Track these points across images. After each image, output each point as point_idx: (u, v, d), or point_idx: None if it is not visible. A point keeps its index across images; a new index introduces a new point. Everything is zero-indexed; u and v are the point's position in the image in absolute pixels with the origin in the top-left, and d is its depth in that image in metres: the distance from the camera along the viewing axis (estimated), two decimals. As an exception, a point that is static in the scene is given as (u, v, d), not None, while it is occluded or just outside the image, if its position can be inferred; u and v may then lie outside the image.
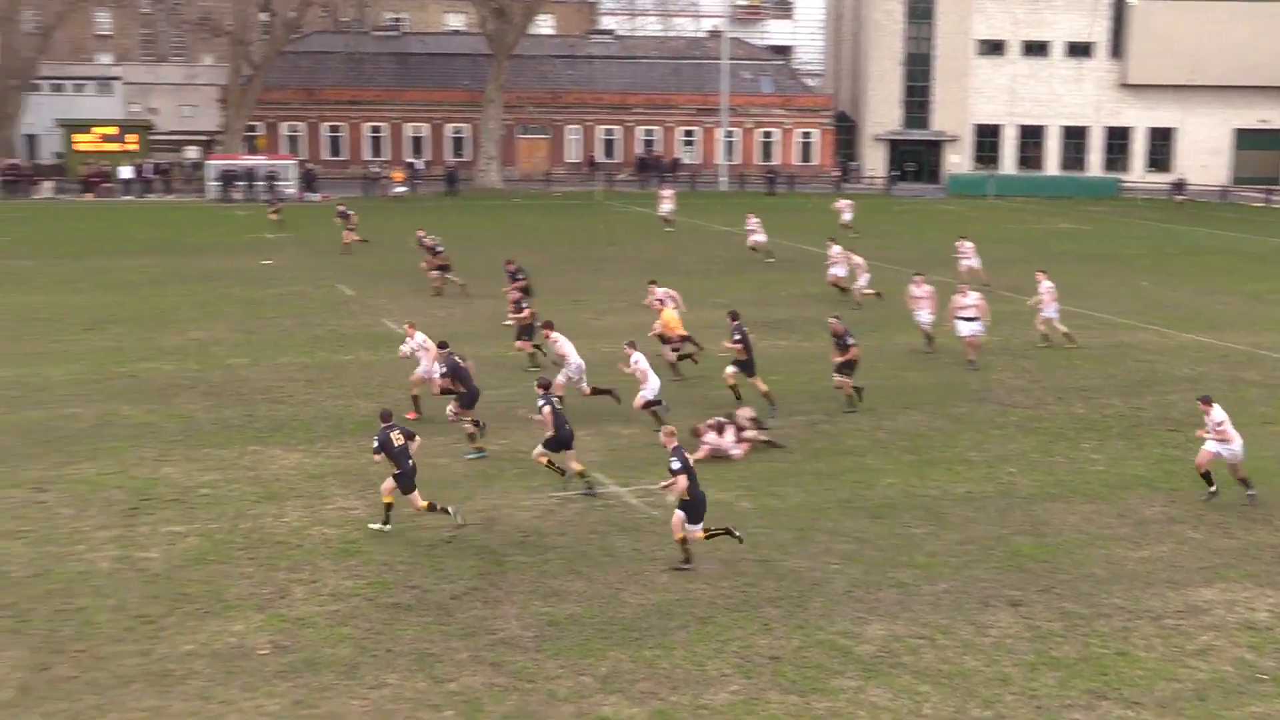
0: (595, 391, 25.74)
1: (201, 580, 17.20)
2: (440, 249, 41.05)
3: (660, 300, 30.55)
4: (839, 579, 17.56)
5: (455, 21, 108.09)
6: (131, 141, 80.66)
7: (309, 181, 76.71)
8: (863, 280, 39.72)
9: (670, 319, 29.02)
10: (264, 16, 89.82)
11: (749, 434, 23.65)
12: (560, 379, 25.37)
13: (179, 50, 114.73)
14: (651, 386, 24.63)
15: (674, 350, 29.03)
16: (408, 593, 16.90)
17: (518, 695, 14.16)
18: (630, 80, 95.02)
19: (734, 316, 26.88)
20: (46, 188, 75.87)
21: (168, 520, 19.53)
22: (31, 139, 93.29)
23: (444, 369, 23.97)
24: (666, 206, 60.63)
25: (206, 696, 14.01)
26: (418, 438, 19.51)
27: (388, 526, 19.18)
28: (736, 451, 23.21)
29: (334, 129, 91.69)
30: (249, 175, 75.29)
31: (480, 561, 18.03)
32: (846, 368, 26.61)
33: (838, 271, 40.75)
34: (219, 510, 19.92)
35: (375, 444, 18.92)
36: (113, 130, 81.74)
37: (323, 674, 14.57)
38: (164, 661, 14.81)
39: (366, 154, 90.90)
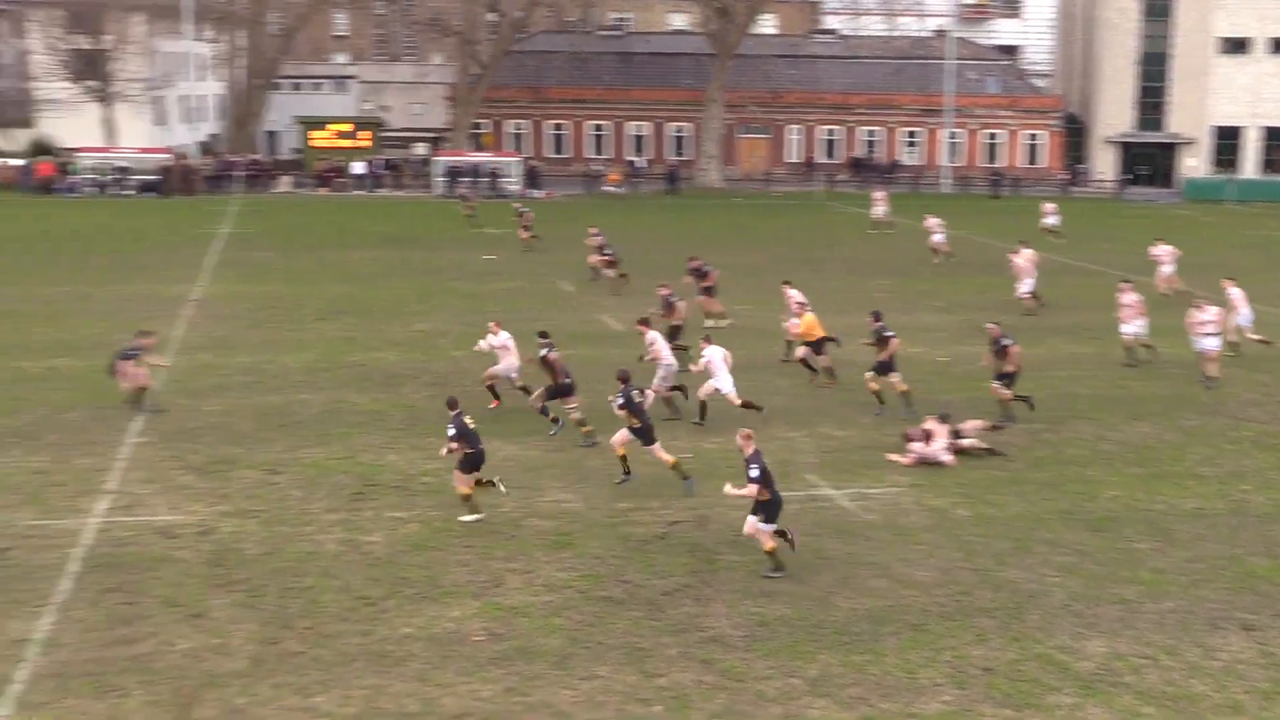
0: (745, 405, 25.09)
1: (420, 566, 17.69)
2: (608, 249, 41.35)
3: (800, 303, 29.95)
4: (1058, 592, 17.09)
5: (679, 21, 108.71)
6: (364, 138, 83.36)
7: (532, 179, 78.16)
8: (1025, 286, 38.48)
9: (810, 322, 28.53)
10: (492, 17, 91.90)
11: (967, 443, 23.20)
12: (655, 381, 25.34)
13: (410, 50, 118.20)
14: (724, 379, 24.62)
15: (814, 353, 28.40)
16: (620, 587, 17.08)
17: (726, 694, 14.18)
18: (853, 80, 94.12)
19: (876, 317, 26.54)
20: (285, 182, 78.99)
21: (391, 506, 20.15)
22: (272, 135, 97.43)
23: (544, 353, 24.33)
24: (880, 209, 59.75)
25: (423, 679, 14.40)
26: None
27: (481, 516, 19.49)
28: (948, 458, 22.79)
29: (557, 127, 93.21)
30: (474, 172, 77.08)
31: (692, 559, 18.11)
32: (1006, 377, 25.72)
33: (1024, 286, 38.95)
34: (438, 498, 20.44)
35: (452, 430, 19.27)
36: (347, 127, 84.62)
37: (535, 663, 14.83)
38: (384, 643, 15.28)
39: (589, 152, 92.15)
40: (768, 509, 17.43)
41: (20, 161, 78.66)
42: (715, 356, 24.98)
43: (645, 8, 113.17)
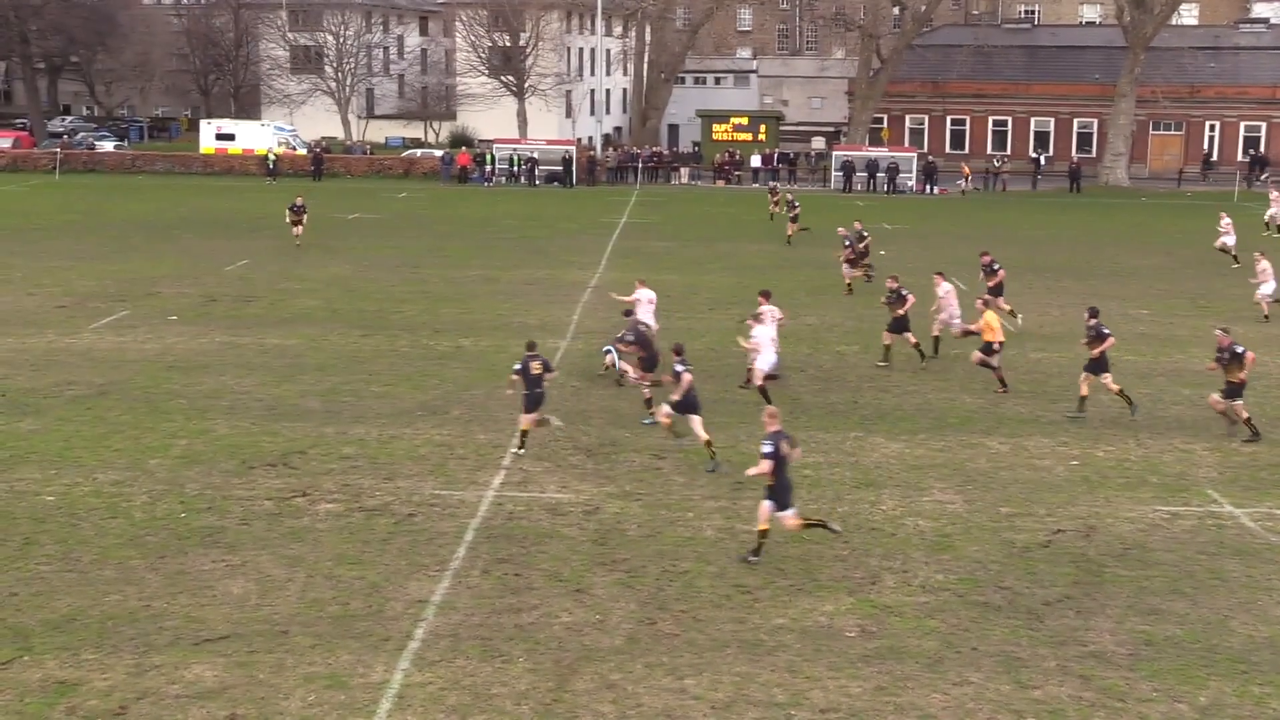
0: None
1: (797, 558, 17.75)
2: (849, 243, 40.04)
3: (944, 296, 30.02)
4: None
5: (1090, 13, 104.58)
6: (762, 132, 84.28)
7: (929, 175, 77.01)
8: (1268, 288, 35.70)
9: (992, 320, 26.97)
10: (895, 10, 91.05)
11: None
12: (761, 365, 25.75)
13: (812, 44, 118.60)
14: (766, 358, 25.55)
15: (989, 354, 27.00)
16: (998, 593, 16.62)
17: (1105, 712, 13.56)
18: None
19: (1093, 314, 25.29)
20: (683, 174, 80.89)
21: (770, 496, 20.29)
22: (673, 128, 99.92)
23: (630, 336, 25.34)
24: (1274, 210, 55.55)
25: (794, 670, 14.45)
26: (555, 371, 22.84)
27: (522, 450, 21.78)
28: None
29: (957, 122, 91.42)
30: (870, 167, 76.63)
31: (1076, 570, 17.41)
32: (1233, 388, 23.39)
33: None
34: (819, 491, 20.45)
35: (516, 366, 22.09)
36: (745, 121, 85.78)
37: (906, 663, 14.62)
38: (756, 631, 15.42)
39: (989, 148, 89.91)
40: (773, 492, 17.20)
41: (440, 152, 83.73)
42: (763, 336, 25.91)
43: (1054, 0, 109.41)
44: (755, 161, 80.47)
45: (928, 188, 75.89)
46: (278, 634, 15.13)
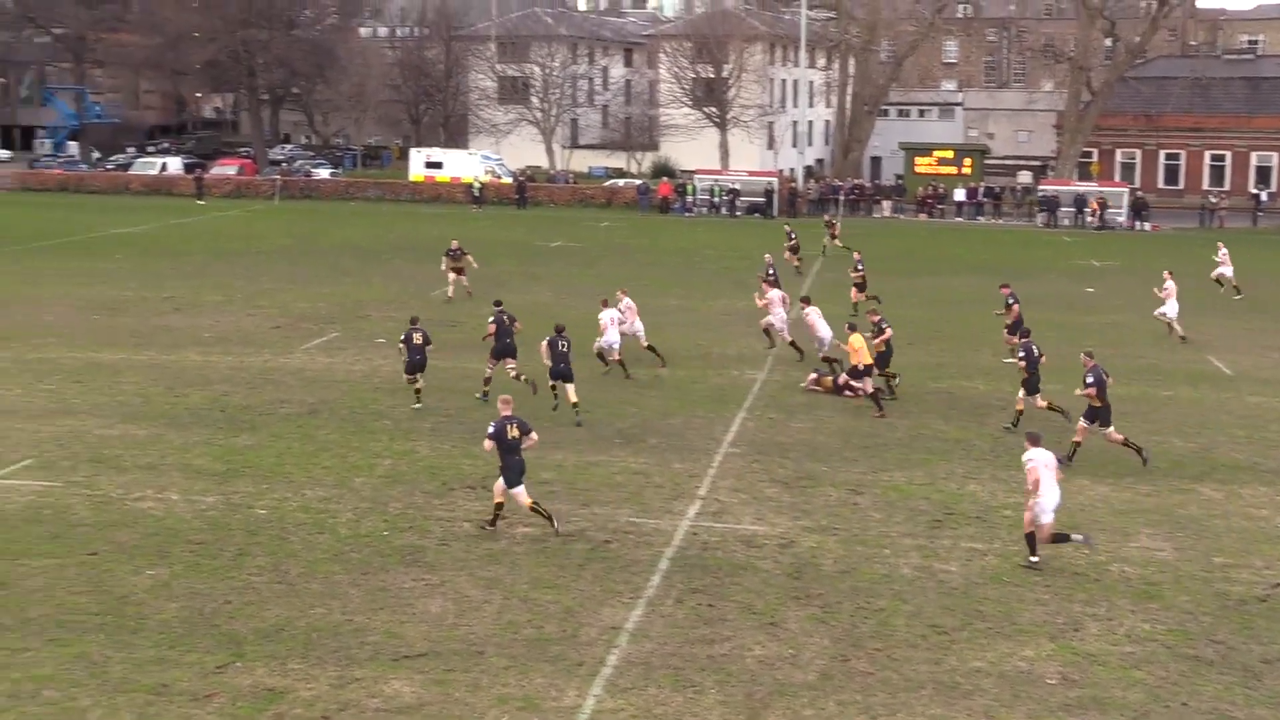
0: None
1: (995, 600, 17.32)
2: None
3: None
4: None
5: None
6: (966, 165, 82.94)
7: (1138, 210, 74.69)
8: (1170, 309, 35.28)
9: (856, 343, 27.95)
10: (1107, 42, 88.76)
11: None
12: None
13: (1019, 76, 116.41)
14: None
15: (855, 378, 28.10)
16: (1211, 647, 15.94)
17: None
18: None
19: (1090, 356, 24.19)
20: (885, 207, 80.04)
21: (969, 536, 19.88)
22: (876, 161, 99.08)
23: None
24: (1222, 269, 46.32)
25: (991, 715, 14.08)
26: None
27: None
28: None
29: (1171, 157, 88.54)
30: (1077, 202, 74.68)
31: (1295, 626, 16.60)
32: None
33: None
34: (1020, 533, 19.94)
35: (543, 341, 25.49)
36: (949, 154, 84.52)
37: (1110, 715, 14.12)
38: (953, 673, 15.08)
39: (1206, 183, 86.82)
40: (502, 470, 20.83)
41: (638, 182, 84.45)
42: (815, 315, 31.30)
43: None
44: (959, 195, 79.19)
45: (1137, 224, 73.62)
46: (474, 654, 15.37)
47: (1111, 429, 23.68)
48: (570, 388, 26.34)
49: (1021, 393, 26.17)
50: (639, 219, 74.04)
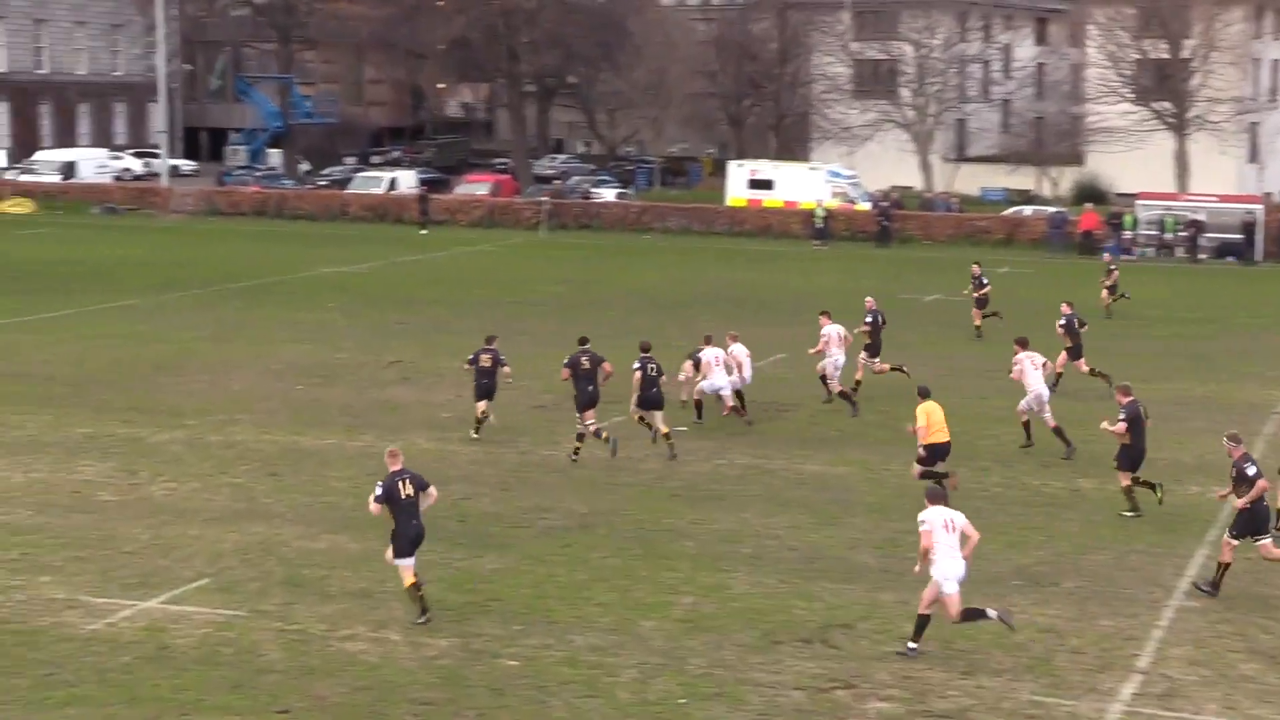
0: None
1: None
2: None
3: None
4: None
5: None
6: None
7: None
8: None
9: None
10: None
11: None
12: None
13: None
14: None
15: None
16: None
17: None
18: None
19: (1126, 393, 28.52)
20: None
21: None
22: None
23: None
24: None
25: None
26: None
27: None
28: None
29: None
30: None
31: None
32: None
33: None
34: None
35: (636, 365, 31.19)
36: None
37: None
38: None
39: None
40: (393, 536, 22.88)
41: (1051, 210, 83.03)
42: (834, 334, 37.44)
43: None
44: None
45: None
46: None
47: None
48: (659, 415, 32.33)
49: None
50: (1051, 263, 73.04)
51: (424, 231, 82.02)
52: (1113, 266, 56.77)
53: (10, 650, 21.42)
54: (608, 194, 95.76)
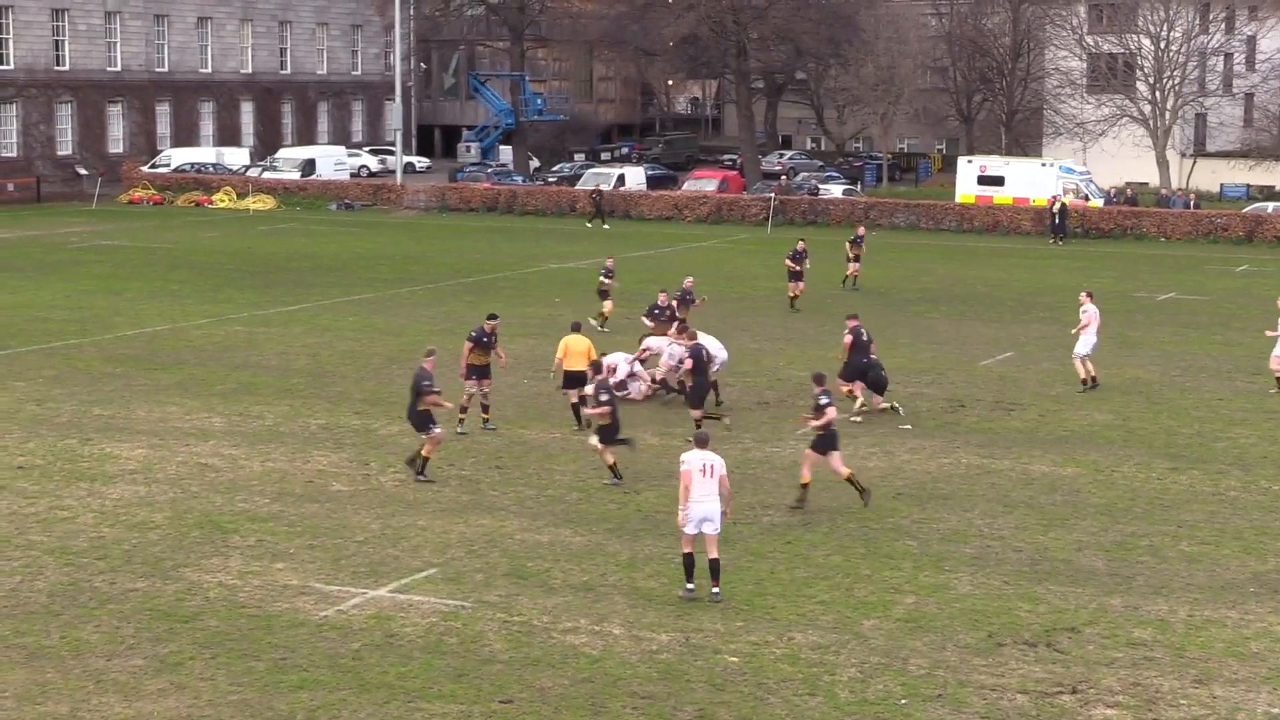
0: None
1: None
2: None
3: None
4: None
5: None
6: None
7: None
8: None
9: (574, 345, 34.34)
10: None
11: None
12: None
13: None
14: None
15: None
16: None
17: None
18: None
19: None
20: None
21: None
22: None
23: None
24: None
25: None
26: None
27: None
28: None
29: None
30: None
31: None
32: None
33: None
34: None
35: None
36: None
37: None
38: None
39: None
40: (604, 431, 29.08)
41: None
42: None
43: None
44: None
45: None
46: None
47: None
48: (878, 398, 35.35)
49: None
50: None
51: (589, 224, 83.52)
52: None
53: (248, 634, 21.96)
54: (836, 190, 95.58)
